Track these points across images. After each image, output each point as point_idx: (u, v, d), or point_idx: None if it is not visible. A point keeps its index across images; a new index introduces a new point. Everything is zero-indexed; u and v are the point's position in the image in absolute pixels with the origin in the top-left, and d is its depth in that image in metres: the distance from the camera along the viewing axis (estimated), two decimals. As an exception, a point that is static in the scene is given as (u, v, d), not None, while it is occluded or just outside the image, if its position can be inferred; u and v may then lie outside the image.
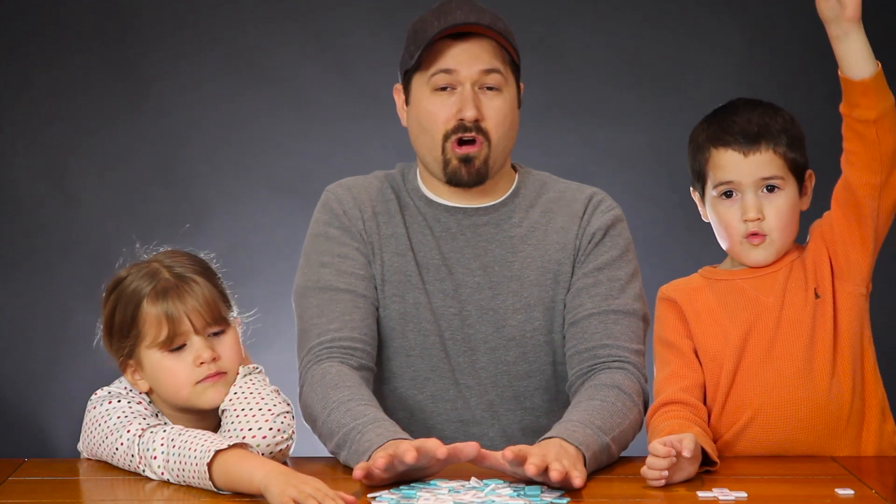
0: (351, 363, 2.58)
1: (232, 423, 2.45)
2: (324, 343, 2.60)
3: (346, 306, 2.63)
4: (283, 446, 2.46)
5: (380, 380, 2.68)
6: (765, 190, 2.56)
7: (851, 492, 2.30)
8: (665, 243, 4.49)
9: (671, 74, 4.58)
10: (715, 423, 2.59)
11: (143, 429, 2.40)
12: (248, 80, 4.58)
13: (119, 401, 2.46)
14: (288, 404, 2.50)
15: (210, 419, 2.52)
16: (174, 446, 2.34)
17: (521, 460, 2.27)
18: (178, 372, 2.47)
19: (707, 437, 2.49)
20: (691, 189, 2.66)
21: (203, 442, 2.31)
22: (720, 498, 2.26)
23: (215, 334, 2.50)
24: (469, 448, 2.30)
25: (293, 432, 2.48)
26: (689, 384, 2.58)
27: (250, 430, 2.43)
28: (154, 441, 2.37)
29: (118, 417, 2.44)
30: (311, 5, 4.58)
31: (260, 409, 2.45)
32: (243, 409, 2.45)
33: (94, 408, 2.48)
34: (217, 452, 2.28)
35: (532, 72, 4.62)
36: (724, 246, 2.63)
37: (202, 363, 2.46)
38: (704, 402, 2.60)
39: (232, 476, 2.28)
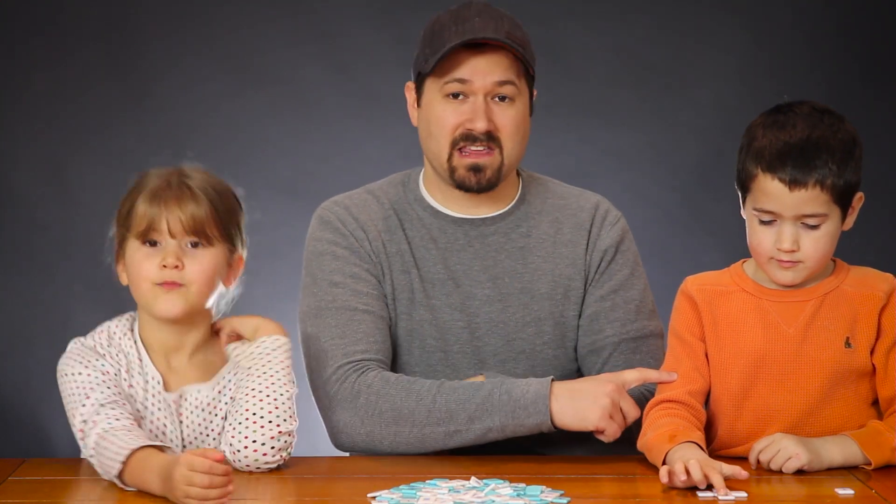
0: None
1: (239, 422, 2.45)
2: (353, 361, 2.58)
3: (369, 327, 2.62)
4: (274, 466, 2.46)
5: None
6: (804, 224, 2.45)
7: (851, 492, 2.30)
8: (665, 243, 4.48)
9: (671, 74, 4.57)
10: (726, 437, 2.56)
11: (84, 420, 2.43)
12: (248, 80, 4.57)
13: (84, 367, 2.49)
14: (295, 419, 2.48)
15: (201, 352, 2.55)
16: (99, 448, 2.38)
17: None
18: (144, 266, 2.50)
19: (703, 442, 2.47)
20: (736, 182, 2.53)
21: (116, 451, 2.33)
22: (720, 498, 2.26)
23: (193, 246, 2.52)
24: None
25: (291, 449, 2.48)
26: (697, 389, 2.55)
27: (254, 441, 2.44)
28: (86, 448, 2.42)
29: (70, 394, 2.48)
30: (311, 5, 4.58)
31: (270, 422, 2.44)
32: (253, 414, 2.45)
33: (61, 371, 2.51)
34: (125, 463, 2.31)
35: (532, 72, 4.64)
36: (752, 256, 2.53)
37: (164, 266, 2.48)
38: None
39: (138, 484, 2.32)
